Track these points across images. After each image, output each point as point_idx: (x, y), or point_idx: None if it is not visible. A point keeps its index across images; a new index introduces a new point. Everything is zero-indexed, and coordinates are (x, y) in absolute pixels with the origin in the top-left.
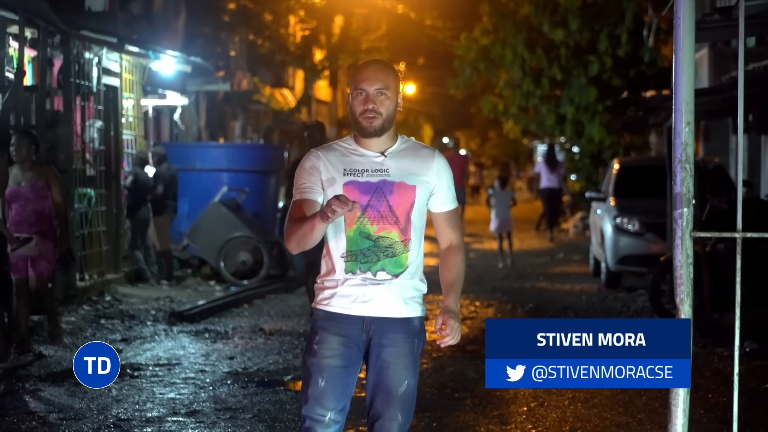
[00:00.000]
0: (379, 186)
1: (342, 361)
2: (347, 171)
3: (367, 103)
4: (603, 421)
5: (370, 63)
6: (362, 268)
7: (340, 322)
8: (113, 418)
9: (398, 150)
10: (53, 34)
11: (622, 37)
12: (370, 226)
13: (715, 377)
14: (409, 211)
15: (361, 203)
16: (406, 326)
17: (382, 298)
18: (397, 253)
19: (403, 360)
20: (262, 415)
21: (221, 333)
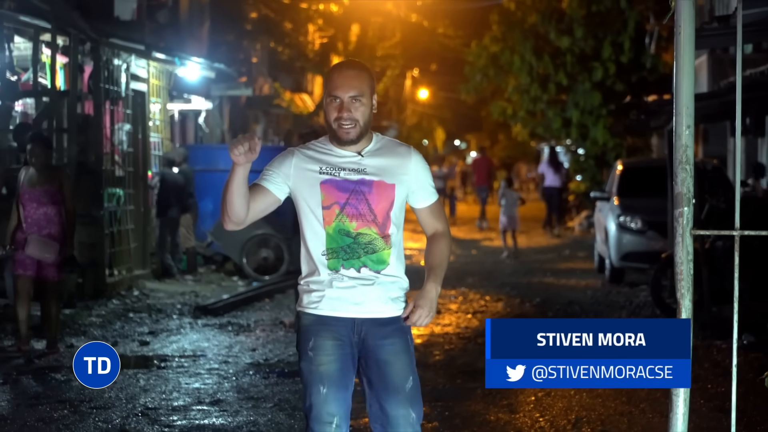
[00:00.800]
0: (358, 184)
1: (339, 364)
2: (323, 170)
3: (342, 110)
4: (607, 410)
5: (343, 68)
6: (345, 265)
7: (332, 324)
8: (141, 407)
9: (375, 149)
10: (84, 42)
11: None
12: (349, 224)
13: (714, 368)
14: (389, 209)
15: (339, 201)
16: (397, 324)
17: (372, 299)
18: (378, 249)
19: (403, 357)
20: (282, 404)
21: (244, 326)
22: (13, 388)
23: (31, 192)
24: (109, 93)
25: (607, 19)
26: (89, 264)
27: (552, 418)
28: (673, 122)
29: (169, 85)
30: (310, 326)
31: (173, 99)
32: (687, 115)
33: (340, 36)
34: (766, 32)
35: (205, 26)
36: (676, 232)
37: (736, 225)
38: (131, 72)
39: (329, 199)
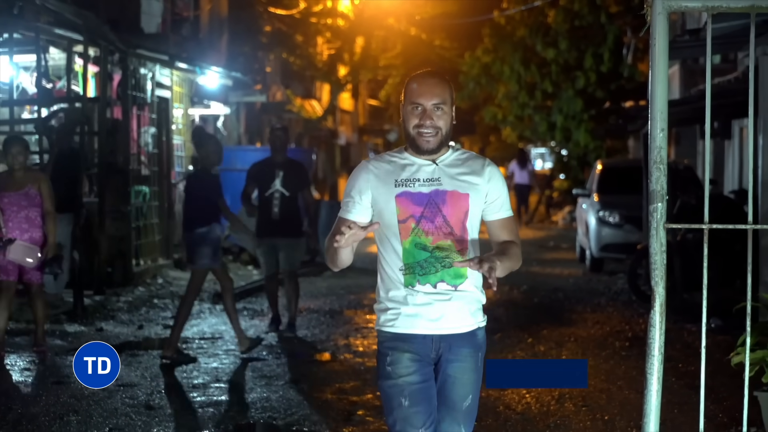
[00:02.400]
0: (432, 196)
1: (420, 377)
2: (399, 182)
3: (425, 118)
4: (588, 387)
5: (426, 76)
6: (421, 281)
7: (409, 341)
8: (164, 385)
9: (449, 159)
10: (113, 53)
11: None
12: (425, 238)
13: (685, 350)
14: (464, 219)
15: (415, 215)
16: (472, 340)
17: (449, 314)
18: (455, 263)
19: (468, 375)
20: (292, 382)
21: (258, 311)
22: (49, 367)
23: (10, 195)
24: (135, 99)
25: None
26: (117, 255)
27: (538, 393)
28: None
29: (190, 92)
30: (386, 343)
31: (194, 105)
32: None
33: (346, 47)
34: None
35: (224, 38)
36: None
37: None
38: (156, 80)
39: (405, 212)
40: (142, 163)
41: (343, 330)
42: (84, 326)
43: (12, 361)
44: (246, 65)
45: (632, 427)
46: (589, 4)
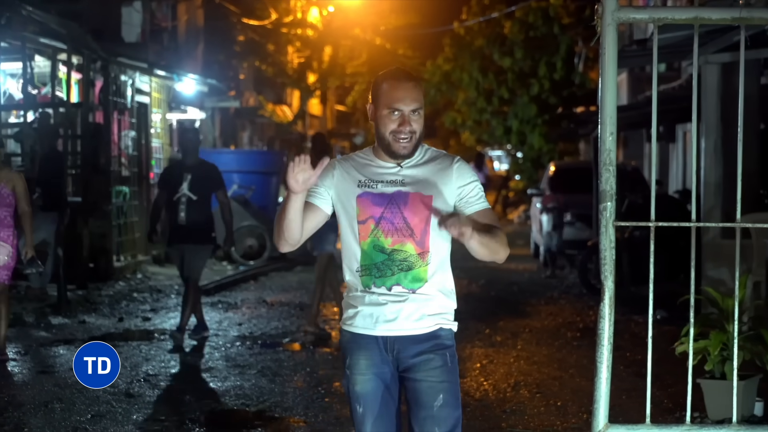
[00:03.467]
0: (394, 197)
1: (374, 384)
2: (361, 182)
3: (404, 124)
4: (542, 375)
5: (402, 79)
6: (377, 283)
7: (364, 343)
8: (143, 374)
9: (416, 160)
10: (95, 61)
11: (558, 64)
12: (384, 239)
13: (632, 339)
14: (426, 222)
15: (374, 215)
16: (433, 341)
17: (404, 316)
18: (414, 266)
19: (434, 376)
20: (264, 371)
21: (232, 304)
22: (34, 357)
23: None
24: (116, 104)
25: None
26: (99, 251)
27: (495, 381)
28: (599, 130)
29: (168, 97)
30: (346, 344)
31: (172, 110)
32: (610, 124)
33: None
34: (677, 54)
35: (200, 47)
36: (601, 223)
37: (652, 217)
38: (136, 86)
39: (364, 213)
40: (122, 165)
41: None
42: (67, 318)
43: None
44: (221, 72)
45: (584, 412)
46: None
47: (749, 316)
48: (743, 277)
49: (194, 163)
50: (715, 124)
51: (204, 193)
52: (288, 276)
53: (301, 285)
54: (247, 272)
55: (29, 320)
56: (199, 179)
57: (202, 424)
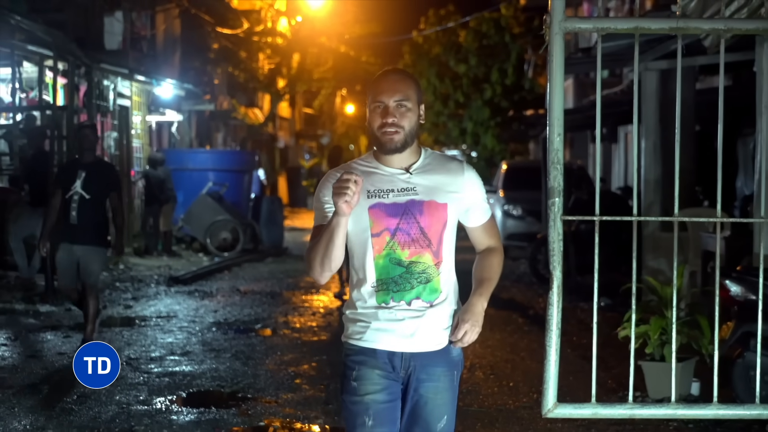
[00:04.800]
0: (408, 206)
1: (387, 396)
2: (371, 193)
3: (387, 116)
4: (495, 358)
5: (389, 73)
6: (395, 298)
7: (378, 357)
8: (126, 357)
9: (424, 165)
10: (80, 67)
11: (509, 70)
12: (401, 252)
13: (578, 325)
14: (442, 231)
15: (390, 227)
16: (446, 357)
17: (421, 331)
18: (431, 278)
19: (443, 395)
20: (238, 354)
21: (208, 292)
22: (23, 342)
23: None
24: (99, 107)
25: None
26: None
27: None
28: (547, 131)
29: (147, 101)
30: (353, 357)
31: (151, 112)
32: (558, 126)
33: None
34: (619, 61)
35: (177, 55)
36: (549, 217)
37: (597, 212)
38: (118, 91)
39: (379, 225)
40: None
41: (282, 309)
42: (54, 306)
43: None
44: (196, 78)
45: (534, 392)
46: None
47: (686, 303)
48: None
49: (90, 161)
50: (654, 126)
51: (98, 192)
52: (259, 267)
53: (271, 275)
54: (222, 263)
55: (18, 308)
56: (94, 178)
57: (181, 404)
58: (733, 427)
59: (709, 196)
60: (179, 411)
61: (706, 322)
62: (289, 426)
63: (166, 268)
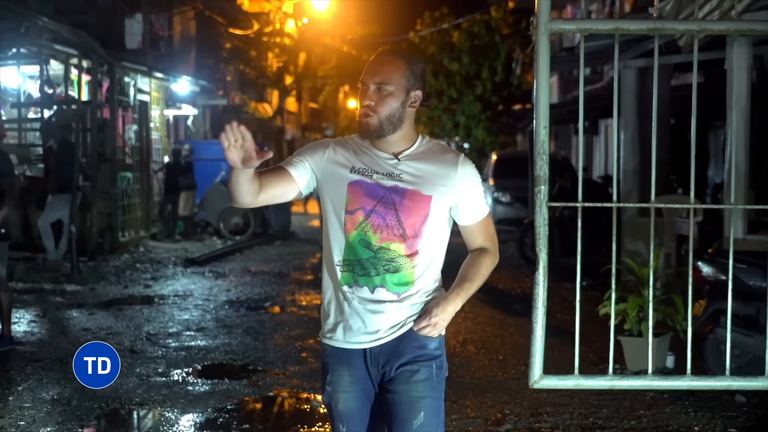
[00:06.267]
0: (389, 192)
1: (359, 402)
2: (356, 169)
3: (364, 98)
4: (485, 334)
5: (380, 54)
6: (359, 282)
7: (347, 357)
8: (145, 333)
9: (415, 152)
10: (102, 64)
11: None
12: (372, 235)
13: (562, 303)
14: (421, 223)
15: (366, 207)
16: (419, 350)
17: (387, 323)
18: (401, 268)
19: (417, 388)
20: (249, 330)
21: (221, 273)
22: (51, 319)
23: None
24: (121, 102)
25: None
26: (107, 228)
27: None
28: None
29: (165, 96)
30: (327, 358)
31: (168, 107)
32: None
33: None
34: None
35: (193, 53)
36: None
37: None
38: (137, 87)
39: (355, 202)
40: (126, 154)
41: (289, 288)
42: (79, 286)
43: (21, 315)
44: (210, 75)
45: (521, 365)
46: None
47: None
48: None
49: None
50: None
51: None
52: (269, 249)
53: (279, 257)
54: (234, 246)
55: (46, 287)
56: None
57: (196, 376)
58: (704, 396)
59: (683, 184)
60: (194, 382)
61: (680, 300)
62: (296, 396)
63: (183, 251)
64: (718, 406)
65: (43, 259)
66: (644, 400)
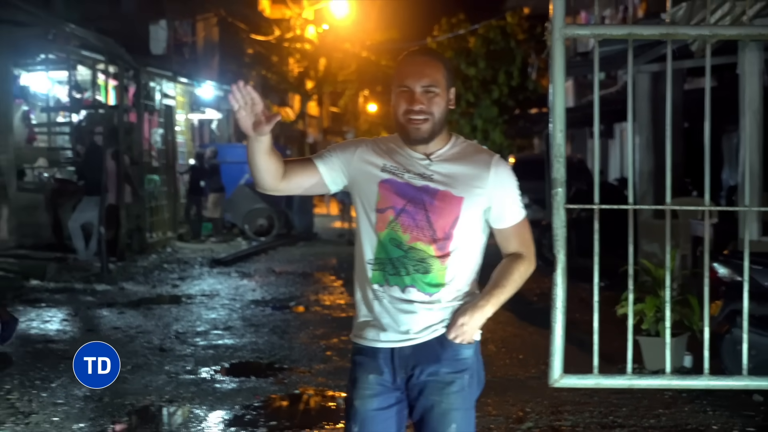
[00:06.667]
0: (420, 192)
1: (379, 403)
2: (387, 167)
3: (413, 102)
4: (506, 333)
5: (416, 54)
6: (390, 281)
7: (374, 356)
8: (174, 332)
9: (449, 153)
10: (128, 70)
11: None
12: (402, 234)
13: (580, 303)
14: (451, 225)
15: (396, 206)
16: (454, 358)
17: (418, 324)
18: (431, 269)
19: (449, 399)
20: (275, 329)
21: (246, 273)
22: (82, 318)
23: None
24: (146, 107)
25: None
26: (135, 229)
27: None
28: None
29: (190, 100)
30: (354, 356)
31: (193, 111)
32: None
33: (312, 66)
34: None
35: (216, 59)
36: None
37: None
38: (163, 91)
39: (385, 201)
40: (152, 157)
41: (313, 288)
42: (109, 285)
43: (53, 314)
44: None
45: (541, 364)
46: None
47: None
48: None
49: None
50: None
51: None
52: (292, 250)
53: (303, 257)
54: (259, 247)
55: (78, 287)
56: None
57: (223, 374)
58: (722, 396)
59: (698, 186)
60: (222, 380)
61: (696, 301)
62: (321, 393)
63: (209, 251)
64: (735, 406)
65: (73, 260)
66: (663, 399)
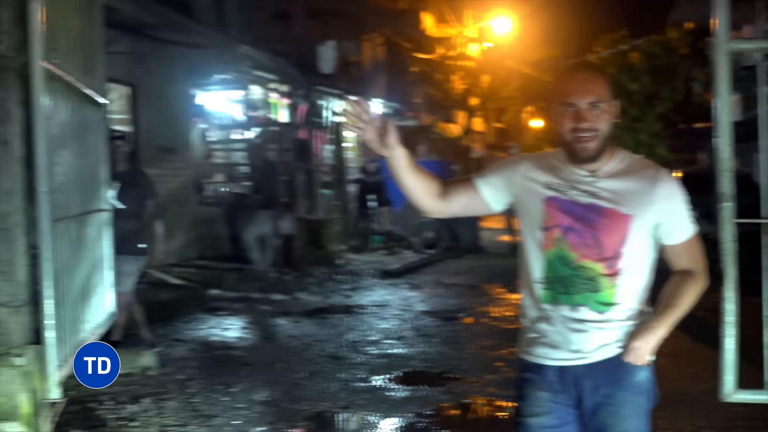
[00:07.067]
0: (586, 210)
1: (552, 420)
2: (550, 185)
3: (580, 120)
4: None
5: (578, 71)
6: (561, 299)
7: (545, 374)
8: (347, 341)
9: (615, 169)
10: (299, 89)
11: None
12: (570, 253)
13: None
14: (620, 243)
15: (562, 224)
16: (629, 380)
17: (591, 343)
18: (601, 288)
19: (623, 423)
20: (445, 339)
21: (416, 284)
22: (259, 326)
23: None
24: (317, 124)
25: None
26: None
27: None
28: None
29: None
30: (522, 373)
31: None
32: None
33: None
34: None
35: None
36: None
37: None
38: (332, 109)
39: (551, 219)
40: (324, 172)
41: (481, 300)
42: (285, 295)
43: (232, 322)
44: (400, 97)
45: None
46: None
47: None
48: None
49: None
50: None
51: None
52: (459, 263)
53: (470, 270)
54: (427, 259)
55: (255, 296)
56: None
57: (396, 382)
58: None
59: None
60: (395, 388)
61: None
62: (491, 404)
63: (379, 263)
64: None
65: (250, 270)
66: None
